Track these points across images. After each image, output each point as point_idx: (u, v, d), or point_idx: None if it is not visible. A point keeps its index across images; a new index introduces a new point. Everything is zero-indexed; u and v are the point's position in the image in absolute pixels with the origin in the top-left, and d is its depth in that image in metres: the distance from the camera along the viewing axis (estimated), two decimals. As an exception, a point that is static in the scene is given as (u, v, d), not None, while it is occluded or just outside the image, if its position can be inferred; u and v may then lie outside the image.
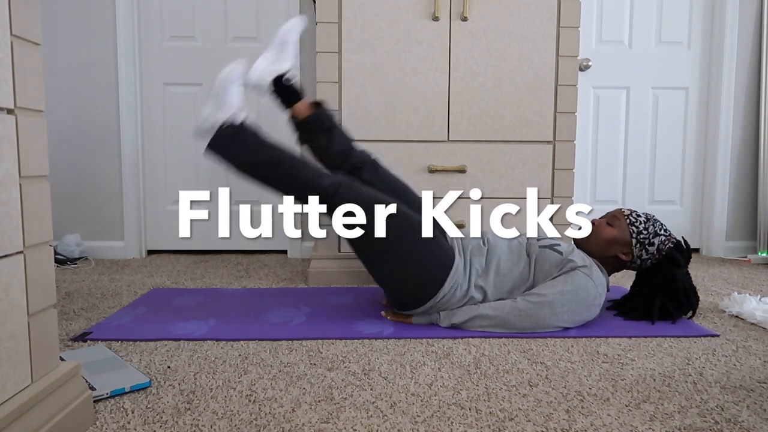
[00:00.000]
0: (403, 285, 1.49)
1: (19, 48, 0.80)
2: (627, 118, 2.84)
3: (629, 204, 2.87)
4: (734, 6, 2.74)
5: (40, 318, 0.86)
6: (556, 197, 2.09)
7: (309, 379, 1.17)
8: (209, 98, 1.58)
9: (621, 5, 2.78)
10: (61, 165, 2.65)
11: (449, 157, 2.06)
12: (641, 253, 1.57)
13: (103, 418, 0.98)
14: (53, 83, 2.61)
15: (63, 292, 1.95)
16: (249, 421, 0.98)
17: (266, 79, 1.69)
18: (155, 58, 2.66)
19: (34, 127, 0.84)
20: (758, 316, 1.58)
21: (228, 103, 1.56)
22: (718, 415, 1.01)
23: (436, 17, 2.00)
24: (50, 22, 2.58)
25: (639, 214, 1.59)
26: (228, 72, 1.57)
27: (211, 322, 1.56)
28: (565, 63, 2.06)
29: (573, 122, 2.07)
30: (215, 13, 2.65)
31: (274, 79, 1.69)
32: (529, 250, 1.57)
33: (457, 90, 2.05)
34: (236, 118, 1.56)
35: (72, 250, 2.54)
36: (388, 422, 0.97)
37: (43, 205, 0.86)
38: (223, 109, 1.55)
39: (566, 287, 1.45)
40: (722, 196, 2.83)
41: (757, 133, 2.85)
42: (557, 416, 1.00)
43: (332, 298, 1.86)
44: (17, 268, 0.80)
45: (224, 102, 1.56)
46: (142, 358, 1.28)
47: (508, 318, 1.45)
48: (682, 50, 2.81)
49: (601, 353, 1.33)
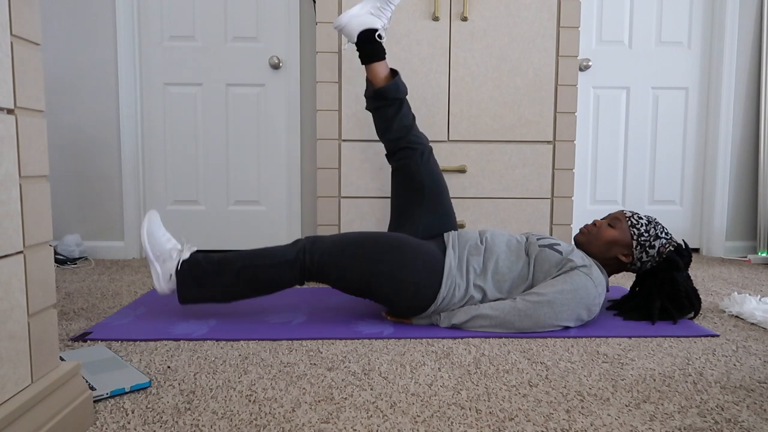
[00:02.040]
0: (401, 300, 1.49)
1: (19, 48, 0.80)
2: (627, 118, 2.84)
3: (629, 204, 2.87)
4: (734, 6, 2.74)
5: (40, 318, 0.86)
6: (556, 197, 2.09)
7: (309, 379, 1.17)
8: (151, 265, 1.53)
9: (621, 5, 2.78)
10: (61, 165, 2.65)
11: (449, 157, 2.06)
12: (641, 256, 1.57)
13: (103, 418, 0.98)
14: (53, 83, 2.61)
15: (63, 292, 1.95)
16: (249, 421, 0.98)
17: (355, 27, 1.68)
18: (155, 58, 2.66)
19: (34, 127, 0.84)
20: (758, 316, 1.58)
21: (167, 254, 1.52)
22: (718, 415, 1.01)
23: (436, 17, 2.00)
24: (50, 22, 2.58)
25: (641, 217, 1.60)
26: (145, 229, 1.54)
27: (211, 322, 1.56)
28: (565, 63, 2.06)
29: (573, 122, 2.07)
30: (215, 13, 2.65)
31: (363, 31, 1.68)
32: (529, 249, 1.57)
33: (457, 90, 2.05)
34: (183, 256, 1.52)
35: (72, 250, 2.54)
36: (388, 422, 0.97)
37: (43, 205, 0.86)
38: (168, 261, 1.51)
39: (566, 287, 1.45)
40: (722, 196, 2.83)
41: (757, 133, 2.85)
42: (557, 416, 1.00)
43: (332, 298, 1.86)
44: (17, 268, 0.80)
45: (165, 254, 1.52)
46: (142, 358, 1.28)
47: (508, 318, 1.45)
48: (682, 50, 2.81)
49: (601, 353, 1.33)
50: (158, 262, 1.53)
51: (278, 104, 2.70)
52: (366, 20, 1.68)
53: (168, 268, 1.52)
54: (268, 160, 2.73)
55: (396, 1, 1.70)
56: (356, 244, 1.50)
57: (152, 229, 1.55)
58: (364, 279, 1.48)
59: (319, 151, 2.03)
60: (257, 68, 2.67)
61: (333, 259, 1.49)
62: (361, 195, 2.04)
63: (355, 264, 1.48)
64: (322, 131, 2.03)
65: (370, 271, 1.47)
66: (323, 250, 1.50)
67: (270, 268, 1.50)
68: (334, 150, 2.03)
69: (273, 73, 2.68)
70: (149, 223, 1.56)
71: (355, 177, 2.03)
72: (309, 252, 1.50)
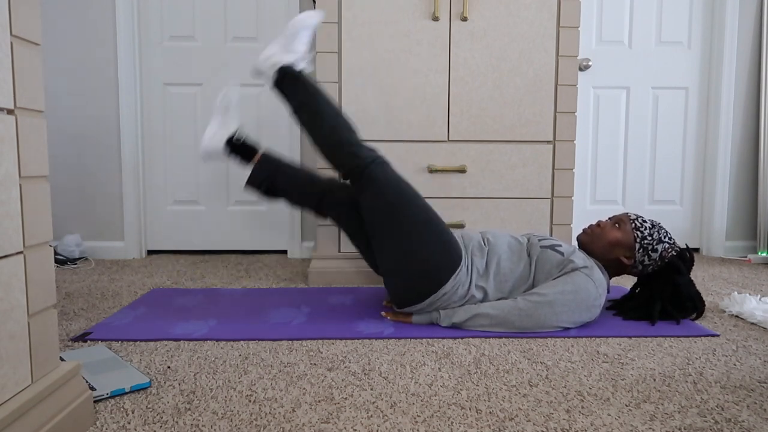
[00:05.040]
0: (408, 276, 1.49)
1: (19, 48, 0.80)
2: (627, 118, 2.84)
3: (629, 204, 2.87)
4: (734, 6, 2.74)
5: (40, 318, 0.86)
6: (556, 197, 2.09)
7: (309, 379, 1.17)
8: (278, 38, 1.57)
9: (621, 5, 2.78)
10: (61, 165, 2.65)
11: (449, 158, 2.06)
12: (643, 259, 1.57)
13: (103, 419, 0.98)
14: (53, 83, 2.61)
15: (63, 292, 1.95)
16: (249, 421, 0.98)
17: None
18: (155, 58, 2.65)
19: (34, 127, 0.84)
20: (758, 316, 1.58)
21: (295, 49, 1.57)
22: (718, 415, 1.01)
23: (436, 17, 2.00)
24: (50, 22, 2.58)
25: (645, 220, 1.60)
26: (305, 17, 1.58)
27: (211, 322, 1.56)
28: (565, 63, 2.06)
29: (573, 122, 2.07)
30: (215, 13, 2.65)
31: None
32: (530, 250, 1.57)
33: (457, 90, 2.05)
34: (297, 65, 1.59)
35: (72, 250, 2.54)
36: (388, 422, 0.97)
37: (43, 205, 0.86)
38: (288, 53, 1.56)
39: (567, 287, 1.45)
40: (722, 196, 2.83)
41: (757, 133, 2.85)
42: (557, 416, 1.00)
43: (332, 298, 1.86)
44: (17, 268, 0.80)
45: (292, 46, 1.57)
46: (142, 358, 1.28)
47: (509, 317, 1.45)
48: (682, 50, 2.81)
49: (601, 353, 1.33)
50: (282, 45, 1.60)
51: (278, 104, 2.70)
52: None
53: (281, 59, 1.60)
54: (268, 160, 2.72)
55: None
56: (410, 195, 1.52)
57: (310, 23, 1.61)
58: (392, 224, 1.49)
59: (319, 151, 2.03)
60: (257, 68, 2.67)
61: (387, 183, 1.51)
62: (361, 195, 2.04)
63: (398, 205, 1.49)
64: (322, 131, 2.02)
65: (402, 220, 1.48)
66: (387, 172, 1.53)
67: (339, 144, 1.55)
68: (334, 150, 2.03)
69: (273, 73, 2.68)
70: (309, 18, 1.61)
71: (355, 177, 2.03)
72: (376, 163, 1.53)
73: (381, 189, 1.51)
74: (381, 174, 1.52)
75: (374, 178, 1.52)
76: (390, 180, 1.52)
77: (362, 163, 1.53)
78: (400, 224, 1.48)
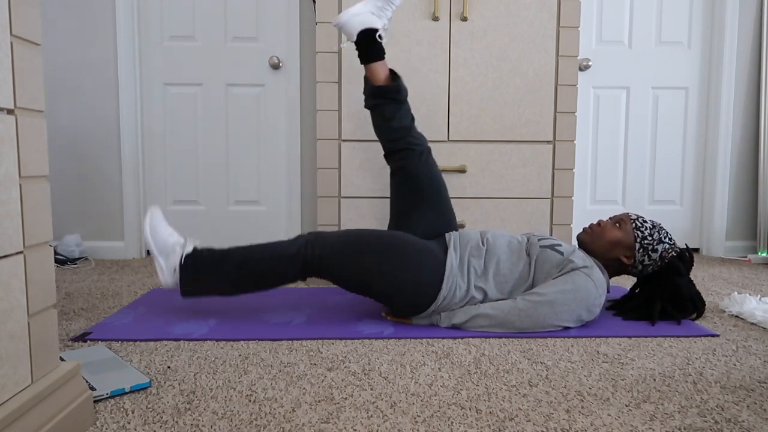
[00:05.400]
0: (401, 299, 1.50)
1: (19, 48, 0.80)
2: (627, 118, 2.84)
3: (629, 204, 2.87)
4: (734, 6, 2.74)
5: (40, 318, 0.86)
6: (556, 197, 2.09)
7: (309, 379, 1.17)
8: (155, 260, 1.54)
9: (621, 5, 2.78)
10: (61, 165, 2.65)
11: (449, 157, 2.06)
12: (643, 259, 1.57)
13: (103, 418, 0.98)
14: (53, 83, 2.61)
15: (63, 292, 1.95)
16: (249, 421, 0.98)
17: (355, 26, 1.67)
18: (155, 58, 2.65)
19: (34, 127, 0.84)
20: (758, 316, 1.58)
21: (171, 248, 1.54)
22: (718, 415, 1.01)
23: (436, 17, 2.00)
24: (50, 22, 2.58)
25: (645, 221, 1.60)
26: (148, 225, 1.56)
27: (211, 322, 1.56)
28: (565, 63, 2.06)
29: (573, 122, 2.07)
30: (215, 13, 2.65)
31: (363, 30, 1.67)
32: (530, 250, 1.57)
33: (457, 90, 2.05)
34: (186, 250, 1.54)
35: (72, 250, 2.54)
36: (388, 422, 0.97)
37: (43, 205, 0.86)
38: (172, 255, 1.53)
39: (566, 287, 1.45)
40: (722, 196, 2.83)
41: (757, 133, 2.85)
42: (557, 416, 1.00)
43: (332, 298, 1.86)
44: (17, 268, 0.80)
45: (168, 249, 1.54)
46: (142, 358, 1.28)
47: (509, 317, 1.45)
48: (682, 50, 2.81)
49: (601, 353, 1.33)
50: (162, 256, 1.54)
51: (278, 104, 2.70)
52: (366, 19, 1.68)
53: (172, 262, 1.53)
54: (268, 160, 2.73)
55: (397, 1, 1.70)
56: (359, 241, 1.50)
57: (155, 223, 1.56)
58: (365, 276, 1.48)
59: (319, 151, 2.03)
60: (257, 68, 2.67)
61: (335, 255, 1.49)
62: (361, 195, 2.04)
63: (357, 261, 1.48)
64: (322, 131, 2.03)
65: (371, 268, 1.47)
66: (325, 245, 1.51)
67: (272, 261, 1.51)
68: (334, 150, 2.03)
69: (273, 73, 2.68)
70: (152, 218, 1.57)
71: (355, 177, 2.03)
72: (311, 247, 1.51)
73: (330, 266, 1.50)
74: (319, 253, 1.50)
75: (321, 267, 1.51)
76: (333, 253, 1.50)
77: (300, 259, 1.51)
78: (371, 272, 1.48)
